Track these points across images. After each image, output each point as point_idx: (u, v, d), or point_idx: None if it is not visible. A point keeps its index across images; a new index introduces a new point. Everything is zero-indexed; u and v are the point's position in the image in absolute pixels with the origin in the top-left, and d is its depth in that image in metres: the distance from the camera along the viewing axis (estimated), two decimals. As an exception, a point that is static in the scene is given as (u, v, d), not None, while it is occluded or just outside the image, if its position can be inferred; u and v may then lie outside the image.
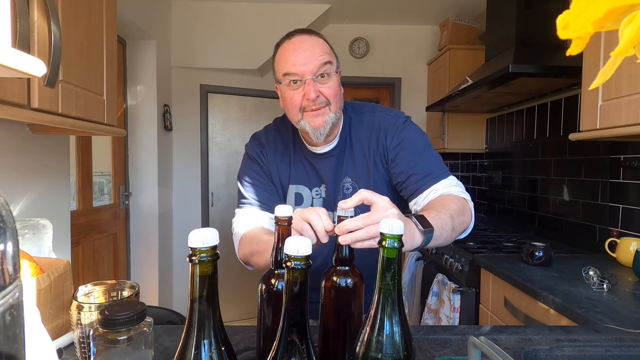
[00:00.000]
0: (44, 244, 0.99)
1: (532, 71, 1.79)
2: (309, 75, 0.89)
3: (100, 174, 2.44)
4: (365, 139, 1.01)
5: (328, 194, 1.03)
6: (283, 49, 0.93)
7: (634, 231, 1.62)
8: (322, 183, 1.03)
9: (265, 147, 1.05)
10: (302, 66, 0.89)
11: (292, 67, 0.89)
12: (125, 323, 0.47)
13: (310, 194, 1.03)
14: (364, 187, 0.99)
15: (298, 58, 0.89)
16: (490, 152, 2.92)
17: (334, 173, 1.02)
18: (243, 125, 3.38)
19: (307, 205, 1.03)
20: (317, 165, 1.03)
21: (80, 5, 1.09)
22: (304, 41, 0.91)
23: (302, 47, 0.90)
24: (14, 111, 0.83)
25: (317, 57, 0.89)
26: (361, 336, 0.47)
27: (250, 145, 1.08)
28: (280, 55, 0.93)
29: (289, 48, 0.91)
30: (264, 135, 1.08)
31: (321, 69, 0.90)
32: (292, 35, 0.93)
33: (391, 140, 0.97)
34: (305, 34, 0.93)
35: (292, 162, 1.04)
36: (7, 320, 0.24)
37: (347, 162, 1.02)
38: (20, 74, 0.47)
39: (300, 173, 1.04)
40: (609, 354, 0.72)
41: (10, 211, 0.25)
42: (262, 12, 3.04)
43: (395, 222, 0.45)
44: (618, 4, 0.26)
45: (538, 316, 1.25)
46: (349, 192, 1.01)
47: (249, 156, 1.08)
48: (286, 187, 1.05)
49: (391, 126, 0.99)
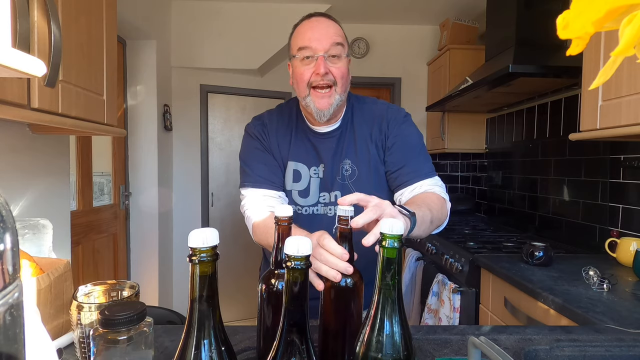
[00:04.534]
0: (44, 244, 0.99)
1: (532, 71, 1.79)
2: (321, 52, 0.94)
3: (100, 174, 2.44)
4: (368, 125, 1.05)
5: (325, 174, 1.05)
6: (301, 27, 0.99)
7: (634, 231, 1.62)
8: (321, 162, 1.05)
9: (267, 126, 1.08)
10: (316, 41, 0.94)
11: (307, 42, 0.95)
12: (125, 323, 0.47)
13: (309, 172, 1.05)
14: (363, 170, 1.03)
15: (314, 34, 0.95)
16: (490, 152, 2.92)
17: (333, 154, 1.05)
18: (243, 125, 3.34)
19: (304, 184, 1.05)
20: (318, 144, 1.05)
21: (80, 5, 1.09)
22: (321, 22, 0.97)
23: (319, 25, 0.96)
24: (14, 111, 0.83)
25: (332, 36, 0.95)
26: (361, 336, 0.47)
27: (251, 125, 1.11)
28: (297, 32, 0.99)
29: (306, 25, 0.98)
30: (266, 115, 1.12)
31: (333, 48, 0.94)
32: (311, 16, 0.99)
33: (392, 130, 1.03)
34: (323, 16, 0.99)
35: (293, 139, 1.07)
36: (7, 320, 0.24)
37: (347, 144, 1.05)
38: (20, 74, 0.47)
39: (300, 150, 1.06)
40: (609, 354, 0.72)
41: (10, 211, 0.25)
42: (262, 12, 3.04)
43: (395, 222, 0.45)
44: (618, 4, 0.26)
45: (538, 316, 1.25)
46: (347, 173, 1.04)
47: (250, 135, 1.10)
48: (285, 163, 1.06)
49: (393, 117, 1.05)
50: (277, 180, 1.05)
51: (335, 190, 1.05)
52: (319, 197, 1.05)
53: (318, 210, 1.05)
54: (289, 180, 1.05)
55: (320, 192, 1.05)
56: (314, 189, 1.05)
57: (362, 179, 1.03)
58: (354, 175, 1.04)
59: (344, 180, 1.04)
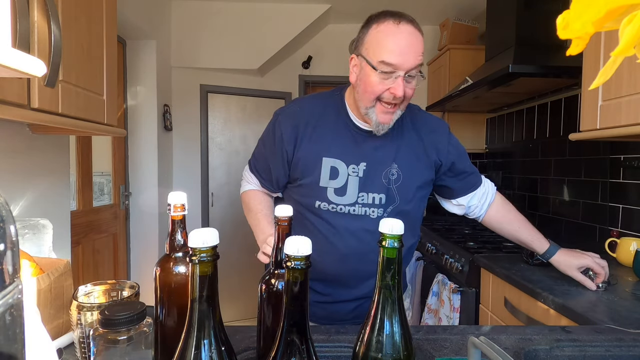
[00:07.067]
0: (44, 244, 0.99)
1: (532, 71, 1.79)
2: (403, 72, 0.88)
3: (100, 174, 2.44)
4: (417, 135, 1.05)
5: (367, 174, 1.00)
6: (388, 32, 0.88)
7: (634, 231, 1.62)
8: (362, 161, 1.00)
9: (301, 120, 1.02)
10: (402, 59, 0.86)
11: (393, 57, 0.86)
12: (125, 323, 0.47)
13: (347, 171, 1.00)
14: (409, 177, 1.03)
15: (402, 49, 0.86)
16: (490, 152, 2.92)
17: (378, 154, 1.01)
18: (243, 126, 3.38)
19: (342, 181, 1.00)
20: (362, 141, 1.01)
21: (80, 5, 1.09)
22: (411, 34, 0.88)
23: (409, 39, 0.87)
24: (14, 111, 0.83)
25: (418, 55, 0.88)
26: (361, 336, 0.47)
27: (278, 118, 1.05)
28: (382, 36, 0.88)
29: (396, 35, 0.87)
30: (307, 106, 1.05)
31: (414, 69, 0.89)
32: (400, 20, 0.88)
33: (443, 147, 1.07)
34: (412, 26, 0.89)
35: (334, 135, 1.01)
36: (7, 320, 0.24)
37: (397, 148, 1.02)
38: (20, 74, 0.47)
39: (339, 147, 1.01)
40: (609, 354, 0.72)
41: (10, 211, 0.25)
42: (262, 12, 3.04)
43: (395, 222, 0.45)
44: (618, 4, 0.26)
45: (538, 316, 1.25)
46: (393, 177, 1.01)
47: (270, 128, 1.07)
48: (319, 159, 1.00)
49: (439, 132, 1.08)
50: (274, 180, 1.09)
51: (379, 193, 1.01)
52: (357, 196, 1.00)
53: (355, 210, 1.01)
54: (325, 177, 1.00)
55: (360, 191, 1.00)
56: (352, 188, 1.00)
57: (406, 185, 1.02)
58: (399, 181, 1.02)
59: (390, 184, 1.01)
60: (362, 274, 1.04)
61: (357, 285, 1.05)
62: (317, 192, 1.01)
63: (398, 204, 1.02)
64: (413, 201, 1.05)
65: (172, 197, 0.61)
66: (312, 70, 3.38)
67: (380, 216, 1.01)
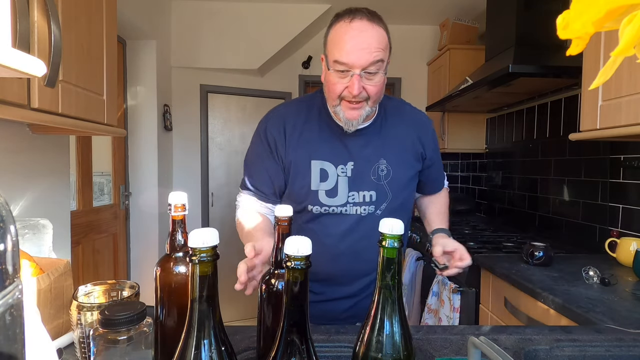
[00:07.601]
0: (44, 244, 0.99)
1: (532, 71, 1.79)
2: (358, 70, 0.87)
3: (100, 174, 2.44)
4: (405, 128, 1.06)
5: (355, 172, 1.00)
6: (340, 31, 0.88)
7: (634, 231, 1.62)
8: (349, 160, 1.00)
9: (286, 125, 1.01)
10: (354, 57, 0.85)
11: (344, 56, 0.86)
12: (125, 323, 0.47)
13: (336, 171, 1.00)
14: (397, 171, 1.03)
15: (353, 47, 0.85)
16: (490, 152, 2.92)
17: (366, 151, 1.01)
18: (243, 126, 3.37)
19: (332, 183, 1.00)
20: (347, 141, 1.01)
21: (80, 5, 1.09)
22: (363, 30, 0.86)
23: (360, 37, 0.85)
24: (14, 111, 0.83)
25: (372, 52, 0.86)
26: (361, 336, 0.47)
27: (266, 125, 1.03)
28: (335, 36, 0.89)
29: (346, 34, 0.86)
30: (286, 112, 1.05)
31: (371, 66, 0.87)
32: (354, 18, 0.87)
33: (429, 142, 1.08)
34: (367, 21, 0.87)
35: (319, 137, 1.01)
36: (7, 320, 0.24)
37: (382, 144, 1.02)
38: (20, 74, 0.47)
39: (326, 149, 1.00)
40: (609, 354, 0.72)
41: (10, 211, 0.25)
42: (262, 12, 3.04)
43: (395, 222, 0.45)
44: (618, 4, 0.26)
45: (538, 316, 1.25)
46: (383, 173, 1.02)
47: (260, 137, 1.04)
48: (307, 163, 1.00)
49: (426, 127, 1.10)
50: (276, 190, 1.05)
51: (369, 190, 1.01)
52: (347, 196, 1.01)
53: (347, 210, 1.01)
54: (315, 180, 0.99)
55: (350, 191, 1.00)
56: (342, 189, 1.00)
57: (396, 180, 1.02)
58: (389, 176, 1.02)
59: (380, 180, 1.01)
60: (356, 273, 1.04)
61: (350, 283, 1.05)
62: (309, 197, 1.00)
63: (391, 200, 1.03)
64: (405, 192, 1.06)
65: (172, 197, 0.61)
66: (312, 70, 3.38)
67: (372, 213, 1.02)
